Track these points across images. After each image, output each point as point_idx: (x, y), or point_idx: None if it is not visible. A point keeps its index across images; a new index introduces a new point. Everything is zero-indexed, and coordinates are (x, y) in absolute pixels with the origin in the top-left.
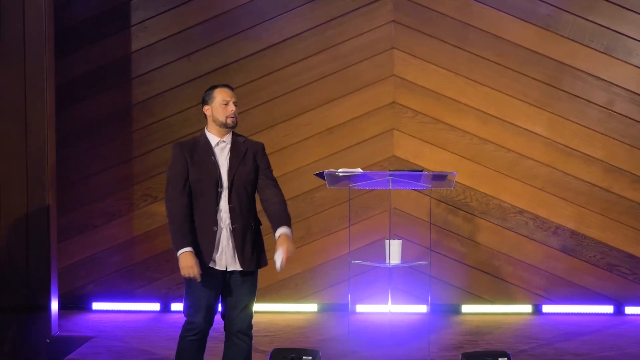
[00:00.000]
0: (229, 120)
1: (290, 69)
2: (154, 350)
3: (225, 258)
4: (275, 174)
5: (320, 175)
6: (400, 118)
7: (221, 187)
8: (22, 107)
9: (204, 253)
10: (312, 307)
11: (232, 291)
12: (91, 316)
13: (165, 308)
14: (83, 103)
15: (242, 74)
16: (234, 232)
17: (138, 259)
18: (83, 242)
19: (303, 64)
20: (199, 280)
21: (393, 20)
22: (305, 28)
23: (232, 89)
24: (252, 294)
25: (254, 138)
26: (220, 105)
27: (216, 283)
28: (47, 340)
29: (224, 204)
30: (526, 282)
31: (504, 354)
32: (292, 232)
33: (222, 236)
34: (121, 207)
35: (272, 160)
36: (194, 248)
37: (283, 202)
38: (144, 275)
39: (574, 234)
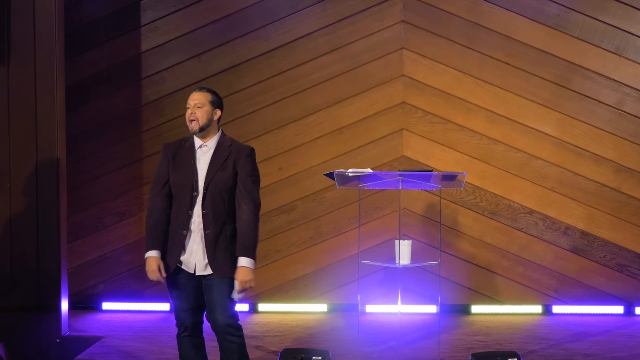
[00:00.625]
0: (189, 126)
1: (300, 68)
2: (164, 350)
3: (194, 262)
4: (286, 173)
5: (330, 175)
6: (410, 118)
7: (196, 191)
8: (32, 107)
9: (174, 255)
10: (321, 307)
11: (210, 295)
12: (101, 316)
13: None
14: (93, 103)
15: (253, 73)
16: (205, 238)
17: None
18: (93, 242)
19: (313, 64)
20: (162, 281)
21: (403, 20)
22: (316, 28)
23: (201, 90)
24: (228, 296)
25: (265, 137)
26: (186, 111)
27: (191, 283)
28: (57, 340)
29: (197, 209)
30: (536, 282)
31: (514, 355)
32: (253, 259)
33: (191, 240)
34: (131, 206)
35: (283, 160)
36: (162, 251)
37: (249, 223)
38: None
39: (584, 234)
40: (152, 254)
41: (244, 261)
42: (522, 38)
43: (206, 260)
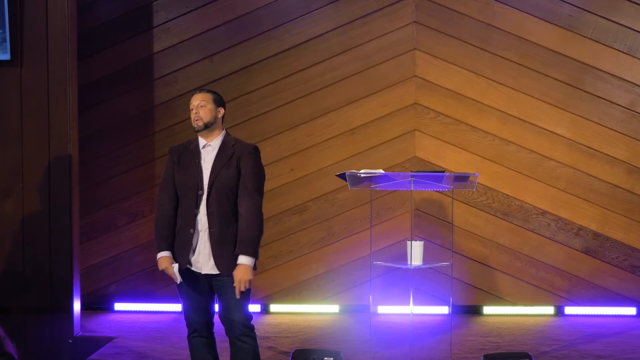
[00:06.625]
0: (194, 124)
1: (312, 69)
2: (176, 351)
3: (201, 261)
4: (298, 174)
5: (342, 176)
6: (422, 119)
7: (201, 190)
8: (45, 108)
9: (182, 255)
10: (333, 308)
11: (222, 295)
12: (113, 317)
13: None
14: (106, 104)
15: (265, 74)
16: (210, 236)
17: None
18: (105, 243)
19: (325, 65)
20: (178, 281)
21: (415, 21)
22: (328, 29)
23: (202, 91)
24: (243, 296)
25: (277, 138)
26: (191, 111)
27: (200, 284)
28: (70, 341)
29: (203, 208)
30: (548, 283)
31: (525, 356)
32: (253, 257)
33: (199, 239)
34: (144, 207)
35: (295, 161)
36: (172, 251)
37: (248, 218)
38: (166, 275)
39: (596, 235)
40: (164, 254)
41: (242, 259)
42: (535, 39)
43: (212, 259)
